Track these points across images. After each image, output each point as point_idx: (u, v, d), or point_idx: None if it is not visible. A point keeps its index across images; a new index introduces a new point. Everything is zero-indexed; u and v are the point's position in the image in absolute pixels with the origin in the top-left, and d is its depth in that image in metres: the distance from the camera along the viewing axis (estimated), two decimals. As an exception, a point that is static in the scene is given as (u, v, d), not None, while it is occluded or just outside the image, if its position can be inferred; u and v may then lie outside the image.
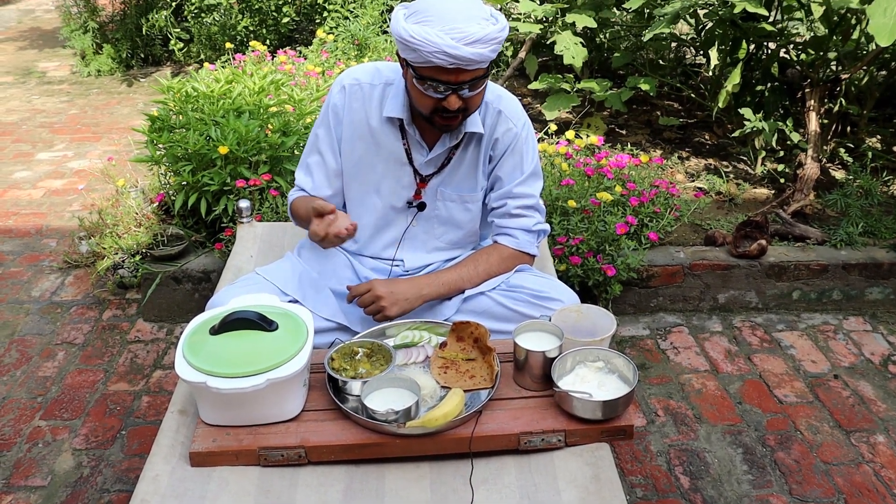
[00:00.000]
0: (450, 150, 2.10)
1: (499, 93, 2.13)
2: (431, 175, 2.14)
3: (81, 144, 5.27)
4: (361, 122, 2.10)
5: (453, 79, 1.83)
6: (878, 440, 2.60)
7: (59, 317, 3.30)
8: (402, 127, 2.08)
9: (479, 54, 1.80)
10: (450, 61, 1.78)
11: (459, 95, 1.87)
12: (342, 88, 2.11)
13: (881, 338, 3.17)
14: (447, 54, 1.77)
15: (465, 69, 1.82)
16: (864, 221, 3.54)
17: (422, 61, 1.82)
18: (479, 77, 1.87)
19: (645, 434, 2.63)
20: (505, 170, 2.14)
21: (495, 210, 2.18)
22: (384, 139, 2.10)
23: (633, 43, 4.88)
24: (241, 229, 2.65)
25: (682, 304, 3.35)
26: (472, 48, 1.78)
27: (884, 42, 2.96)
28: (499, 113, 2.10)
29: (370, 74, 2.10)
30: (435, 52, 1.77)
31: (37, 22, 8.98)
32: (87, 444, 2.59)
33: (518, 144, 2.13)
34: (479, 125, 2.07)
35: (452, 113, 1.90)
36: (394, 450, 1.69)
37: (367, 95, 2.09)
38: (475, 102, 1.94)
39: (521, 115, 2.15)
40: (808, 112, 3.91)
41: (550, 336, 1.88)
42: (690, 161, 4.36)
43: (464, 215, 2.20)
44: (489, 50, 1.82)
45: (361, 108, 2.10)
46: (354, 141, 2.12)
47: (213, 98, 3.69)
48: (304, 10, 6.23)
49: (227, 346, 1.70)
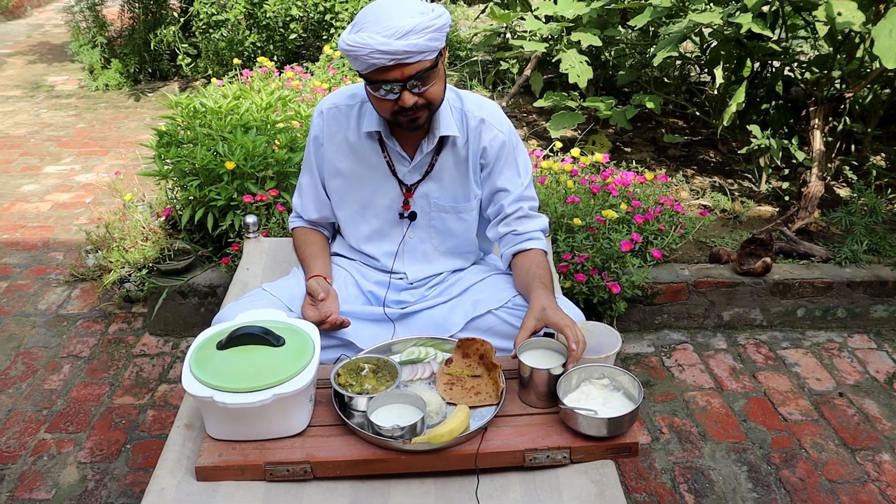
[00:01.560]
0: (431, 156, 2.14)
1: (478, 101, 2.17)
2: (417, 183, 2.17)
3: (89, 158, 5.30)
4: (342, 142, 2.16)
5: (399, 75, 1.87)
6: (883, 458, 2.60)
7: (65, 330, 3.32)
8: (382, 141, 2.13)
9: (415, 45, 1.83)
10: (388, 58, 1.83)
11: (412, 92, 1.91)
12: (320, 114, 2.18)
13: (886, 356, 3.17)
14: (381, 52, 1.82)
15: (406, 63, 1.86)
16: (868, 239, 3.54)
17: (365, 67, 1.87)
18: (426, 69, 1.89)
19: (650, 451, 2.63)
20: (505, 178, 2.17)
21: (511, 214, 2.18)
22: (366, 155, 2.15)
23: (638, 61, 4.90)
24: (247, 244, 2.66)
25: (686, 321, 3.35)
26: (405, 40, 1.82)
27: (890, 64, 2.97)
28: (482, 121, 2.13)
29: (346, 96, 2.17)
30: (371, 52, 1.82)
31: (46, 36, 9.05)
32: (92, 457, 2.59)
33: (511, 151, 2.17)
34: (452, 128, 2.10)
35: (412, 110, 1.93)
36: (399, 466, 1.69)
37: (344, 116, 2.16)
38: (434, 96, 1.96)
39: (505, 121, 2.19)
40: (813, 130, 3.92)
41: (553, 353, 1.88)
42: (695, 179, 4.37)
43: (459, 225, 2.23)
44: (425, 40, 1.85)
45: (341, 129, 2.16)
46: (338, 162, 2.18)
47: (221, 113, 3.72)
48: (311, 26, 6.27)
49: (234, 361, 1.71)
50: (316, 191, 2.27)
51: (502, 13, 4.69)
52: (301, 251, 2.28)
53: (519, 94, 5.41)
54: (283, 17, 6.01)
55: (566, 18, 4.43)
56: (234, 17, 5.99)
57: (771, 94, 4.33)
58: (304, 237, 2.31)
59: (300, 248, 2.29)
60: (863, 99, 4.19)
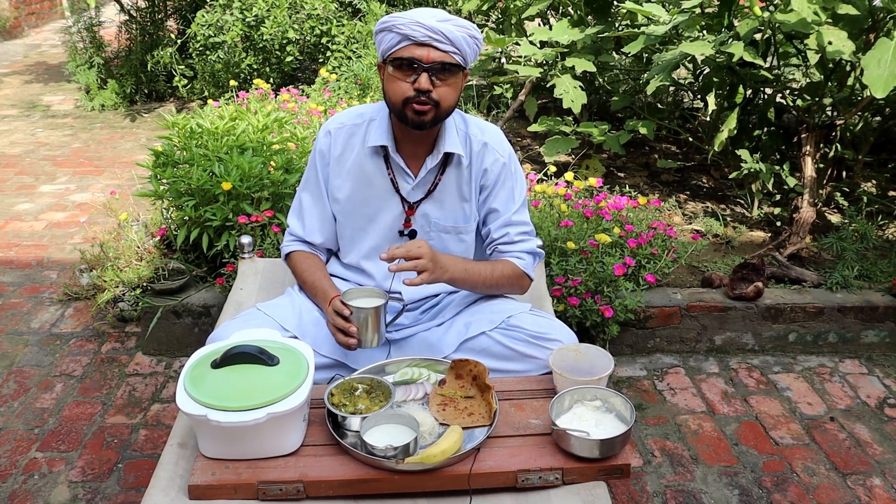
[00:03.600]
0: (435, 174, 2.17)
1: (482, 126, 2.23)
2: (419, 201, 2.19)
3: (84, 178, 5.31)
4: (348, 159, 2.19)
5: (425, 56, 1.95)
6: (874, 483, 2.61)
7: (58, 349, 3.31)
8: (387, 158, 2.16)
9: (450, 31, 1.94)
10: (423, 33, 1.92)
11: (431, 80, 1.97)
12: (328, 133, 2.22)
13: (877, 381, 3.18)
14: (419, 24, 1.92)
15: (436, 46, 1.94)
16: (859, 265, 3.57)
17: (398, 41, 1.96)
18: (449, 64, 1.97)
19: (641, 475, 2.63)
20: (500, 201, 2.21)
21: (497, 240, 2.23)
22: (371, 171, 2.18)
23: (631, 87, 4.95)
24: (242, 265, 2.67)
25: (678, 345, 3.36)
26: (443, 24, 1.94)
27: (879, 94, 3.01)
28: (484, 145, 2.19)
29: (354, 116, 2.22)
30: (409, 23, 1.93)
31: (43, 56, 9.08)
32: (84, 476, 2.58)
33: (508, 175, 2.22)
34: (457, 146, 2.15)
35: (424, 99, 1.98)
36: (392, 486, 1.70)
37: (351, 134, 2.19)
38: (445, 97, 2.01)
39: (507, 146, 2.24)
40: (805, 157, 3.96)
41: (377, 299, 2.04)
42: (688, 204, 4.40)
43: (458, 246, 2.25)
44: (460, 34, 1.95)
45: (347, 147, 2.19)
46: (343, 180, 2.20)
47: (217, 134, 3.74)
48: (307, 49, 6.31)
49: (229, 380, 1.72)
50: (322, 209, 2.25)
51: (497, 38, 4.73)
52: (308, 275, 2.22)
53: (513, 118, 5.45)
54: (279, 40, 6.06)
55: (561, 44, 4.48)
56: (230, 39, 6.03)
57: (763, 121, 4.37)
58: (305, 261, 2.27)
59: (304, 271, 2.24)
60: (854, 126, 4.24)
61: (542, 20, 5.36)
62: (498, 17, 6.23)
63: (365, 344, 2.01)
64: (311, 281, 2.20)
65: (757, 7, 3.58)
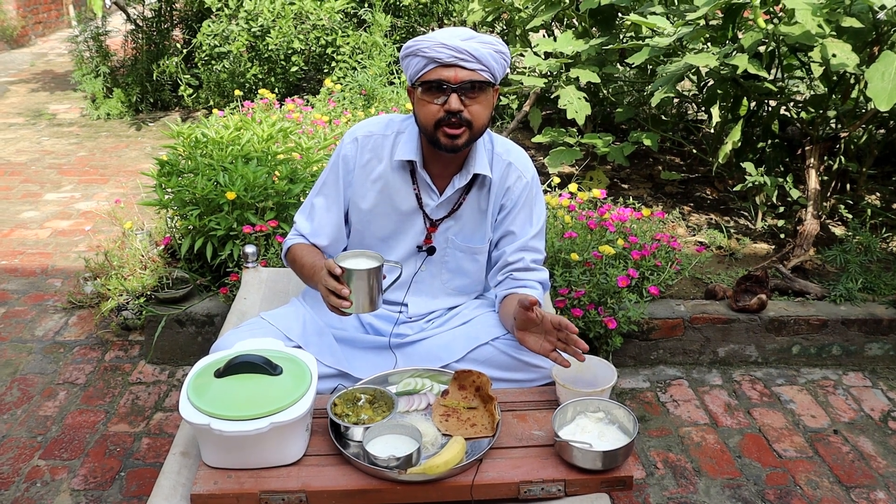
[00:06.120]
0: (460, 193, 2.16)
1: (508, 146, 2.22)
2: (442, 219, 2.18)
3: (89, 186, 5.32)
4: (374, 169, 2.16)
5: (453, 77, 1.95)
6: (878, 496, 2.60)
7: (61, 356, 3.32)
8: (413, 172, 2.15)
9: (476, 49, 1.93)
10: (449, 54, 1.93)
11: (461, 99, 1.97)
12: (354, 140, 2.17)
13: (881, 393, 3.18)
14: (445, 45, 1.93)
15: (463, 66, 1.95)
16: (863, 277, 3.56)
17: (424, 64, 1.96)
18: (478, 82, 1.97)
19: (644, 486, 2.63)
20: (518, 223, 2.20)
21: (512, 264, 2.20)
22: (396, 184, 2.16)
23: (636, 98, 4.96)
24: (246, 274, 2.68)
25: (682, 357, 3.36)
26: (468, 43, 1.94)
27: (883, 106, 3.01)
28: (509, 164, 2.18)
29: (383, 125, 2.18)
30: (435, 45, 1.94)
31: (49, 65, 9.13)
32: (86, 484, 2.58)
33: (529, 197, 2.20)
34: (486, 168, 2.13)
35: (456, 121, 1.97)
36: (394, 496, 1.70)
37: (379, 145, 2.16)
38: (477, 115, 2.01)
39: (531, 167, 2.23)
40: (808, 169, 3.96)
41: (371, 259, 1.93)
42: (692, 216, 4.40)
43: (472, 265, 2.25)
44: (486, 51, 1.95)
45: (374, 158, 2.16)
46: (366, 190, 2.17)
47: (222, 144, 3.75)
48: (312, 59, 6.33)
49: (232, 389, 1.72)
50: (336, 214, 2.20)
51: (502, 49, 4.74)
52: (308, 259, 2.14)
53: (518, 129, 5.46)
54: (284, 50, 6.08)
55: (565, 55, 4.49)
56: (236, 49, 6.06)
57: (767, 133, 4.38)
58: (305, 248, 2.20)
59: (304, 256, 2.16)
60: (858, 139, 4.24)
61: (547, 31, 5.39)
62: (503, 29, 6.25)
63: (357, 308, 1.90)
64: (311, 263, 2.12)
65: (761, 19, 3.59)
